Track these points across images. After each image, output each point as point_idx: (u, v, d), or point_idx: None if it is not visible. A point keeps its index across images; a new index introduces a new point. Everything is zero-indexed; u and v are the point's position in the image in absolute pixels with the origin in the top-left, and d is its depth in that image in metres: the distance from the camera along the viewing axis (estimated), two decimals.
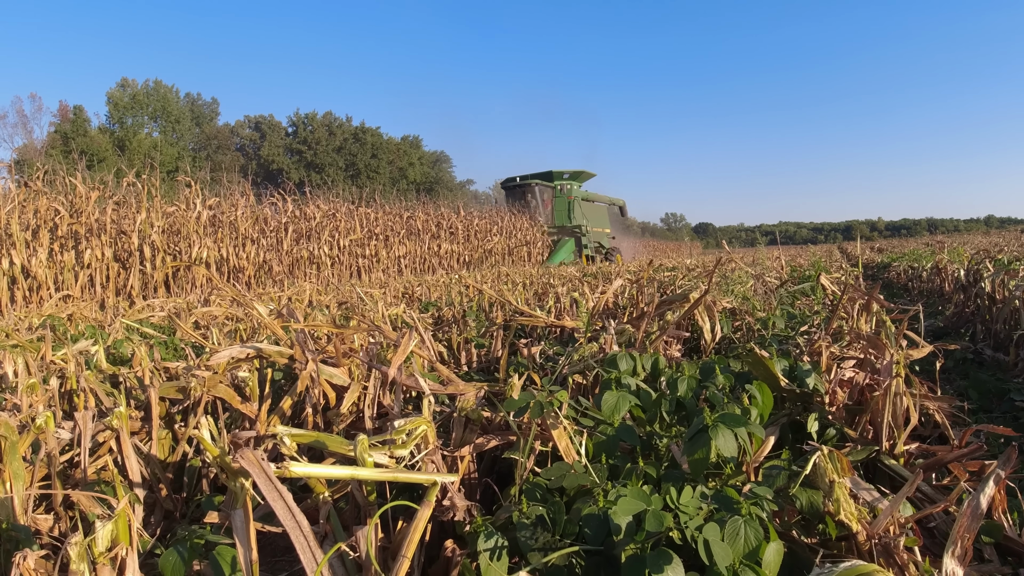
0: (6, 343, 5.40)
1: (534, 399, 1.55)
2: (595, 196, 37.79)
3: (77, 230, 14.36)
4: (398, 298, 7.44)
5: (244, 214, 17.68)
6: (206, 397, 2.28)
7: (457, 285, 8.28)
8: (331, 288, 9.26)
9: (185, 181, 17.26)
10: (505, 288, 6.91)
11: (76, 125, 57.38)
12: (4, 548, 1.91)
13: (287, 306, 2.67)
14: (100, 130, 60.40)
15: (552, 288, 6.82)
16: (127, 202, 15.64)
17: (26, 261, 13.18)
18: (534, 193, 33.24)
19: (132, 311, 7.21)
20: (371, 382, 2.53)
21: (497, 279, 9.18)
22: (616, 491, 1.55)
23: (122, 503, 0.93)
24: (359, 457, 1.25)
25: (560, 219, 33.04)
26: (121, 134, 60.92)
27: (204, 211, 16.47)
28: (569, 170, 34.02)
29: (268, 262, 17.76)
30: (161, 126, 65.60)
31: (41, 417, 2.04)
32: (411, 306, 6.53)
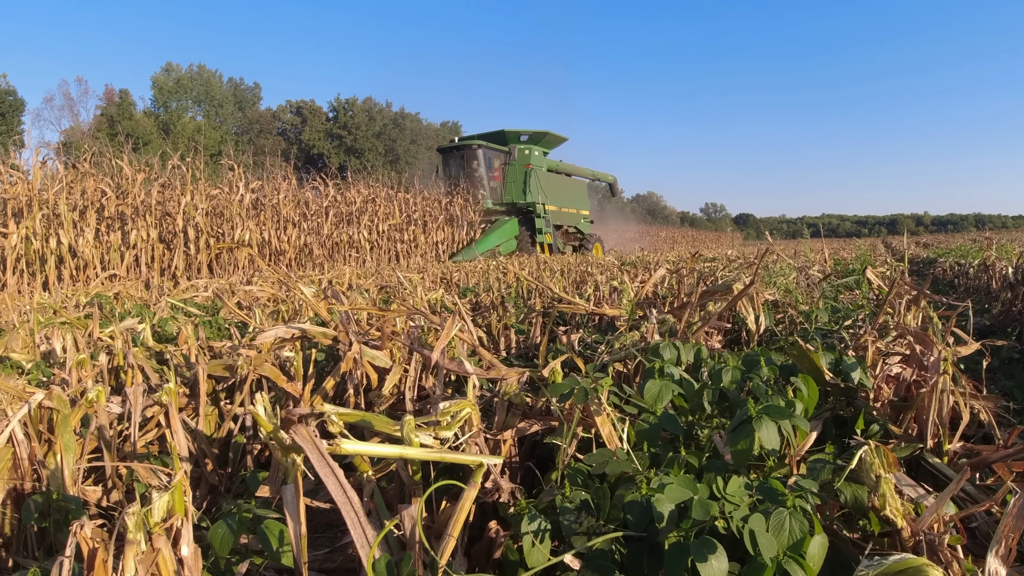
0: (54, 320, 5.56)
1: (579, 385, 1.56)
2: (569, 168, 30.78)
3: (123, 211, 14.68)
4: (436, 283, 7.48)
5: (286, 198, 17.92)
6: (252, 376, 2.32)
7: (495, 271, 8.30)
8: (371, 272, 9.35)
9: (229, 164, 17.54)
10: (544, 275, 6.92)
11: (122, 108, 58.49)
12: (54, 518, 1.97)
13: (331, 289, 2.71)
14: (145, 113, 61.51)
15: (591, 276, 6.80)
16: (172, 184, 15.94)
17: (73, 241, 13.52)
18: (478, 158, 25.44)
19: (177, 291, 7.36)
20: (412, 365, 2.56)
21: (537, 267, 9.18)
22: (659, 479, 1.55)
23: (178, 475, 0.95)
24: (406, 437, 1.27)
25: (512, 194, 25.78)
26: (166, 118, 61.97)
27: (247, 194, 16.74)
28: (528, 130, 26.79)
29: (309, 245, 17.98)
30: (205, 110, 66.58)
31: (93, 391, 2.10)
32: (449, 291, 6.57)
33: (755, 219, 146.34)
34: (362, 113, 74.46)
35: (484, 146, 25.67)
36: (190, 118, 63.80)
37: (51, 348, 4.12)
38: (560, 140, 29.07)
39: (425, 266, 11.15)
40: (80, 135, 49.82)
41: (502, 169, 26.11)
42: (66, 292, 8.66)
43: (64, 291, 9.00)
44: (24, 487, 2.08)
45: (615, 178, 35.69)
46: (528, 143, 26.96)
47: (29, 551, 2.05)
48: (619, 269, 7.78)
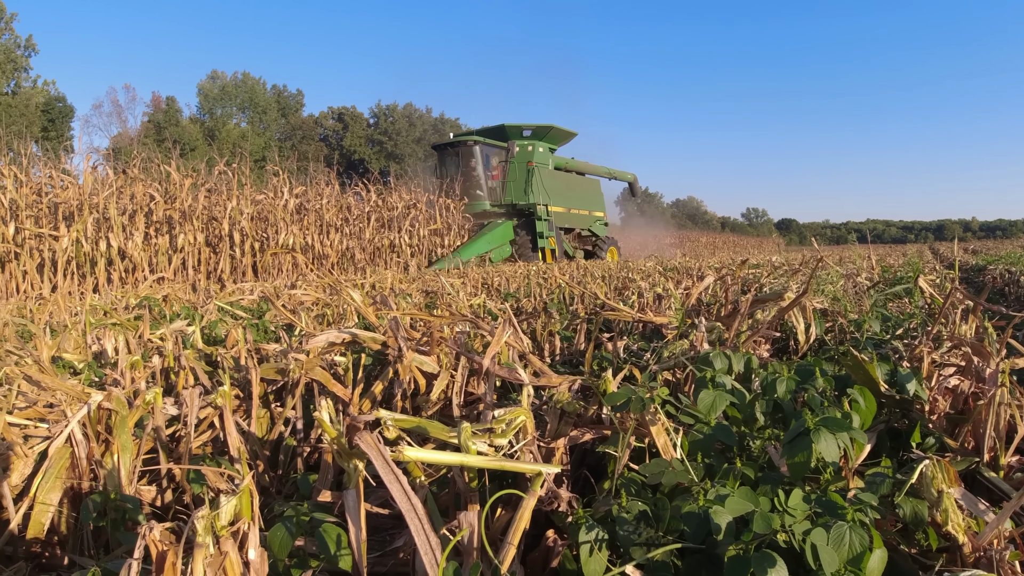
0: (105, 321, 5.69)
1: (634, 394, 1.54)
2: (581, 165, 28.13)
3: (171, 215, 15.00)
4: (478, 287, 7.50)
5: (329, 203, 18.15)
6: (304, 379, 2.35)
7: (536, 276, 8.29)
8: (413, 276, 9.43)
9: (273, 170, 17.83)
10: (586, 280, 6.89)
11: (168, 115, 59.88)
12: (111, 517, 2.01)
13: (380, 294, 2.73)
14: (191, 120, 62.86)
15: (632, 282, 6.76)
16: (218, 189, 16.26)
17: (123, 244, 13.86)
18: (475, 156, 23.21)
19: (223, 294, 7.49)
20: (459, 370, 2.57)
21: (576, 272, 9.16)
22: (716, 490, 1.53)
23: (246, 480, 0.96)
24: (463, 444, 1.27)
25: (513, 194, 23.56)
26: (211, 124, 63.24)
27: (291, 199, 17.00)
28: (531, 124, 24.51)
29: (351, 249, 18.18)
30: (249, 117, 67.78)
31: (150, 393, 2.14)
32: (490, 296, 6.58)
33: (798, 224, 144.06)
34: (402, 119, 75.17)
35: (481, 142, 23.43)
36: (235, 124, 65.03)
37: (102, 349, 4.21)
38: (568, 135, 26.64)
39: (465, 271, 11.20)
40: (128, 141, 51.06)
41: (501, 167, 23.77)
42: (116, 294, 8.87)
43: (114, 293, 9.21)
44: (82, 486, 2.13)
45: (635, 176, 32.51)
46: (531, 138, 24.65)
47: (85, 549, 2.09)
48: (662, 275, 7.72)
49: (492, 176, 23.78)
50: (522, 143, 24.28)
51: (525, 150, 24.15)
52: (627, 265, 11.19)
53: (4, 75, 54.48)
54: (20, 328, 5.37)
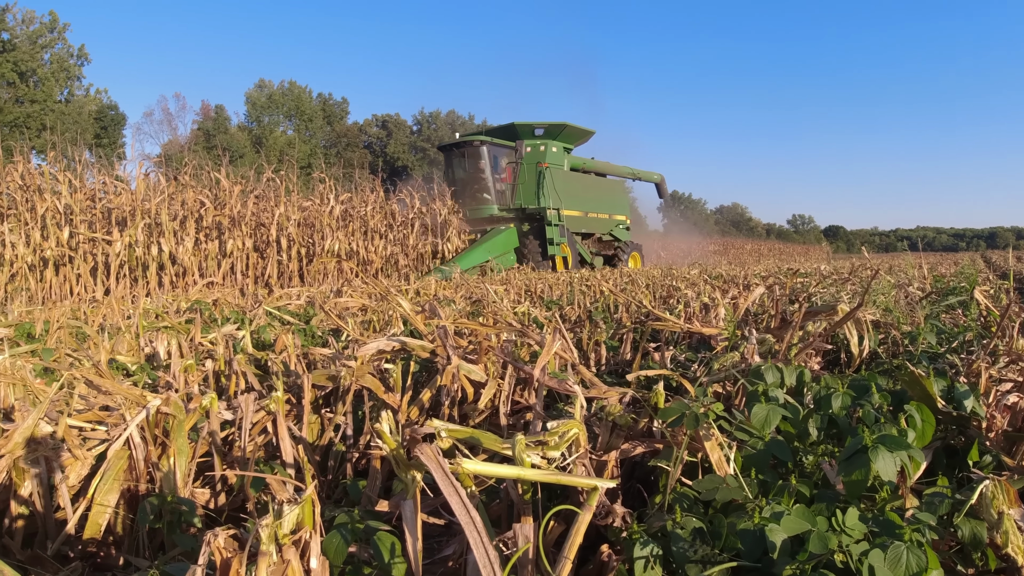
0: (156, 324, 5.83)
1: (689, 410, 1.53)
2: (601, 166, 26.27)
3: (220, 221, 15.32)
4: (520, 295, 7.51)
5: (373, 209, 18.36)
6: (355, 386, 2.38)
7: (579, 284, 8.27)
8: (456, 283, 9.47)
9: (319, 177, 18.10)
10: (628, 288, 6.85)
11: (217, 123, 61.22)
12: (167, 520, 2.05)
13: (429, 302, 2.75)
14: (239, 128, 64.16)
15: (677, 291, 6.70)
16: (266, 196, 16.56)
17: (174, 249, 14.18)
18: (482, 157, 21.25)
19: (271, 298, 7.62)
20: (506, 379, 2.57)
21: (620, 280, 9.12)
22: (771, 507, 1.51)
23: (309, 489, 0.98)
24: (517, 457, 1.27)
25: (523, 197, 21.65)
26: (258, 132, 64.44)
27: (337, 206, 17.24)
28: (543, 123, 22.63)
29: (395, 255, 18.35)
30: (295, 124, 68.87)
31: (207, 398, 2.19)
32: (533, 303, 6.58)
33: (845, 231, 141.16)
34: (445, 126, 75.70)
35: (489, 142, 21.54)
36: (281, 132, 66.18)
37: (155, 351, 4.30)
38: (585, 134, 24.80)
39: (508, 278, 11.22)
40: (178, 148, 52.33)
41: (512, 169, 21.86)
42: (167, 298, 9.08)
43: (165, 297, 9.43)
44: (139, 488, 2.18)
45: (662, 176, 30.13)
46: (543, 138, 22.77)
47: (140, 550, 2.14)
48: (707, 283, 7.64)
49: (501, 178, 21.93)
50: (533, 142, 22.48)
51: (537, 150, 22.36)
52: (671, 273, 11.10)
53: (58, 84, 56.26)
54: (75, 330, 5.52)
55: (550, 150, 22.53)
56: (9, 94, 52.29)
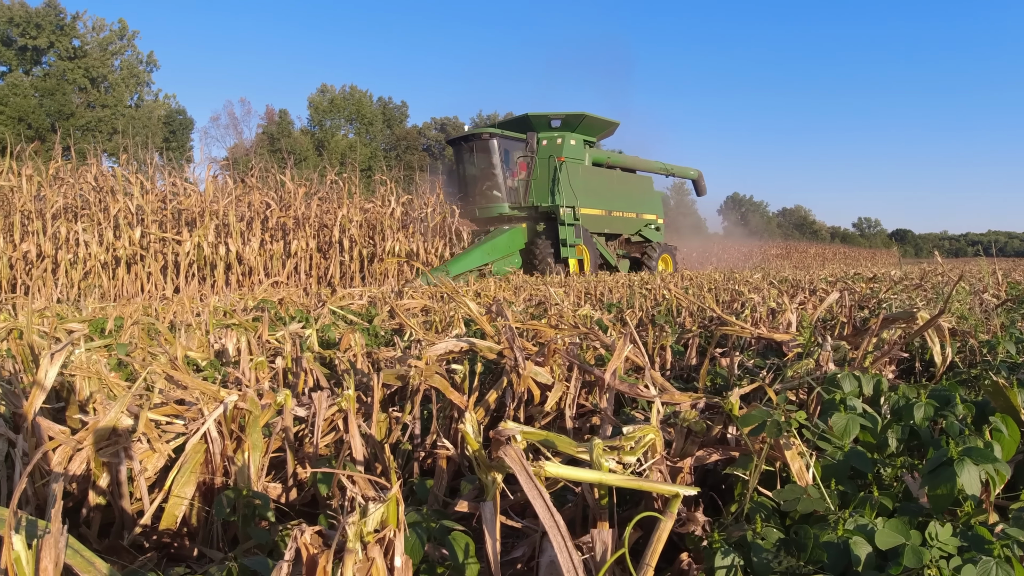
0: (225, 321, 5.98)
1: (770, 417, 1.49)
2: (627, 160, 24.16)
3: (285, 222, 15.69)
4: (580, 297, 7.47)
5: (433, 211, 18.55)
6: (424, 386, 2.40)
7: (639, 287, 8.19)
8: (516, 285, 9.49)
9: (380, 180, 18.38)
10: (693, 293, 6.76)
11: (281, 127, 62.76)
12: (242, 513, 2.10)
13: (496, 304, 2.76)
14: (302, 131, 65.62)
15: (741, 295, 6.58)
16: (329, 198, 16.90)
17: (240, 249, 14.57)
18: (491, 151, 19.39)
19: (334, 298, 7.75)
20: (572, 382, 2.55)
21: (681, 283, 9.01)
22: (855, 519, 1.47)
23: (394, 488, 0.98)
24: (595, 461, 1.25)
25: (537, 194, 19.78)
26: (320, 135, 65.80)
27: (397, 207, 17.48)
28: (560, 113, 20.60)
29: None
30: (356, 128, 70.08)
31: (281, 395, 2.23)
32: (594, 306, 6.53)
33: (913, 235, 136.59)
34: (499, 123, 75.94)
35: (499, 135, 19.70)
36: (343, 135, 67.42)
37: (224, 348, 4.41)
38: (607, 125, 22.50)
39: (566, 280, 11.18)
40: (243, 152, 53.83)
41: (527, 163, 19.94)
42: (234, 296, 9.32)
43: (233, 295, 9.68)
44: (214, 482, 2.23)
45: (699, 172, 27.90)
46: (561, 130, 20.83)
47: (214, 542, 2.19)
48: (774, 288, 7.48)
49: (514, 174, 20.12)
50: (550, 135, 20.54)
51: (553, 143, 20.39)
52: (733, 276, 10.91)
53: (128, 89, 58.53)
54: (147, 326, 5.70)
55: (568, 143, 20.53)
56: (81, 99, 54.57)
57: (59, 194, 14.55)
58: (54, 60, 55.38)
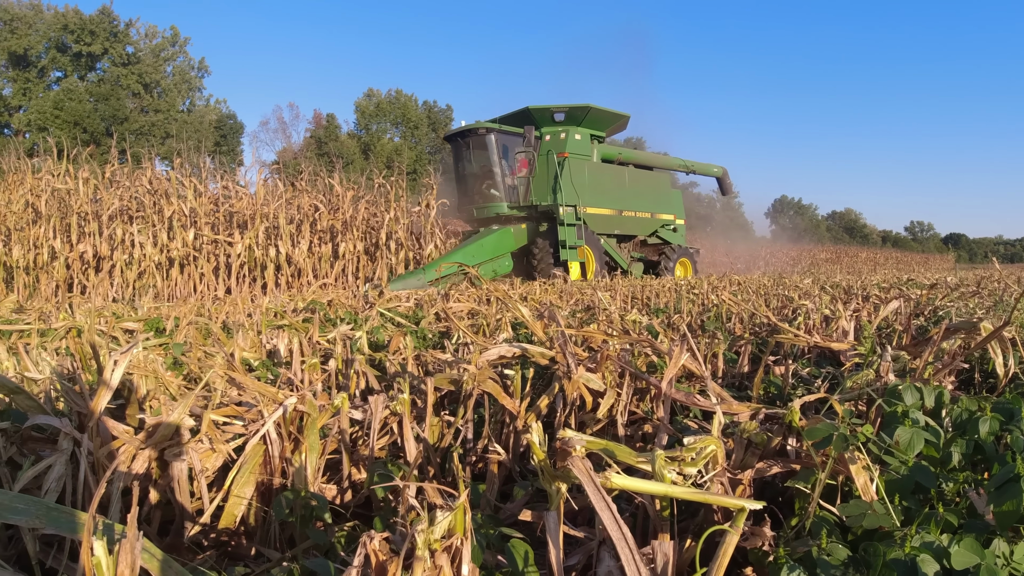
0: (276, 322, 6.09)
1: (837, 431, 1.47)
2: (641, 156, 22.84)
3: (334, 225, 15.93)
4: (627, 301, 7.43)
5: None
6: (476, 390, 2.41)
7: (687, 292, 8.11)
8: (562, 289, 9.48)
9: (426, 183, 18.55)
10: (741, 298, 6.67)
11: (328, 131, 63.69)
12: (299, 514, 2.13)
13: (548, 309, 2.76)
14: (349, 135, 66.49)
15: (791, 301, 6.47)
16: (376, 201, 17.11)
17: (290, 251, 14.83)
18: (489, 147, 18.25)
19: (381, 300, 7.83)
20: (624, 389, 2.55)
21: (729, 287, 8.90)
22: (921, 536, 1.43)
23: (462, 497, 0.99)
24: (657, 472, 1.25)
25: (537, 193, 18.46)
26: (367, 139, 66.59)
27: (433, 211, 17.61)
28: (563, 106, 19.16)
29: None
30: (401, 131, 70.73)
31: (338, 398, 2.26)
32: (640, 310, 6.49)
33: (967, 240, 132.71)
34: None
35: (497, 130, 18.41)
36: (388, 139, 68.12)
37: (275, 348, 4.48)
38: (616, 118, 20.78)
39: (613, 284, 11.13)
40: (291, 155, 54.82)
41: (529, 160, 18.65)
42: (284, 297, 9.49)
43: (283, 296, 9.85)
44: (273, 482, 2.28)
45: (724, 170, 25.78)
46: (565, 123, 19.43)
47: (271, 542, 2.23)
48: (826, 294, 7.35)
49: (514, 171, 18.79)
50: (553, 129, 19.28)
51: (557, 138, 19.10)
52: (783, 281, 10.73)
53: (180, 94, 60.10)
54: (202, 326, 5.83)
55: (572, 138, 19.18)
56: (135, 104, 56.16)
57: (115, 196, 14.99)
58: (108, 66, 57.21)
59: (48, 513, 1.27)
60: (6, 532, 2.06)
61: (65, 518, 1.27)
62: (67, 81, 54.95)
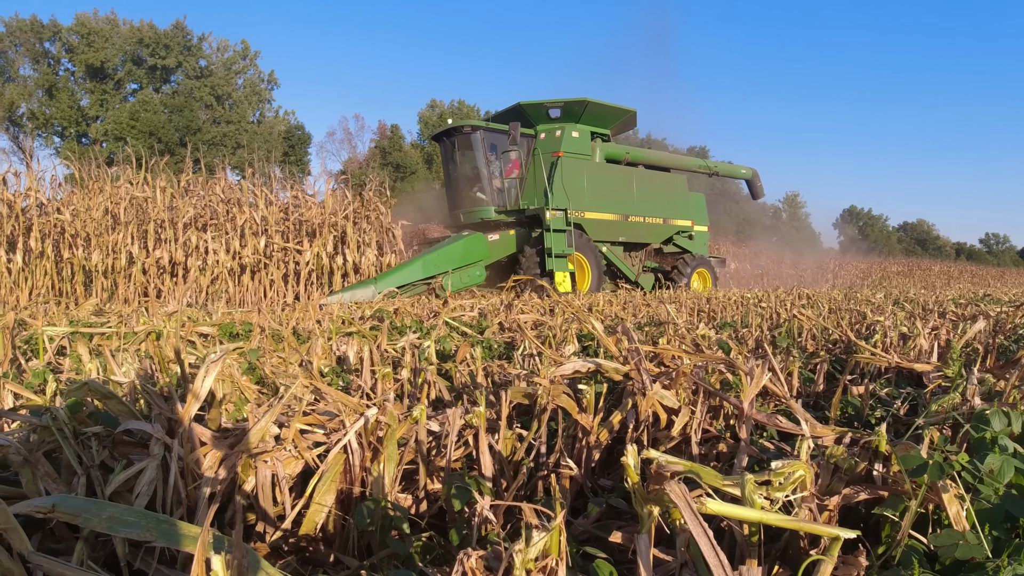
0: (344, 329, 6.22)
1: (932, 459, 1.44)
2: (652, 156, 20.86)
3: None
4: (694, 316, 7.35)
5: None
6: (551, 405, 2.43)
7: (755, 305, 7.98)
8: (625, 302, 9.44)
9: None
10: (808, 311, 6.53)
11: (392, 141, 64.71)
12: (378, 523, 2.18)
13: (622, 325, 2.77)
14: (412, 145, 67.43)
15: (864, 318, 6.31)
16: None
17: (357, 259, 15.13)
18: (475, 147, 16.99)
19: (446, 309, 7.92)
20: (699, 407, 2.53)
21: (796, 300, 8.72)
22: (1013, 568, 1.40)
23: (559, 518, 1.01)
24: (747, 497, 1.25)
25: (530, 195, 16.94)
26: (430, 149, 67.46)
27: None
28: (559, 100, 17.63)
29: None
30: None
31: (416, 410, 2.31)
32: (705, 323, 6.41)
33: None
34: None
35: (483, 128, 17.10)
36: None
37: (344, 355, 4.58)
38: (621, 113, 18.85)
39: (677, 296, 11.02)
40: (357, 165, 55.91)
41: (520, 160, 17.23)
42: (352, 304, 9.68)
43: (350, 303, 10.04)
44: (353, 491, 2.33)
45: (754, 171, 23.09)
46: (562, 120, 17.89)
47: (349, 550, 2.28)
48: (900, 310, 7.14)
49: (506, 172, 17.27)
50: (549, 127, 17.84)
51: (552, 136, 17.57)
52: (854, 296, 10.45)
53: (250, 106, 62.00)
54: (273, 332, 5.99)
55: (568, 136, 17.51)
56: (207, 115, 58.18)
57: (190, 205, 15.54)
58: (182, 79, 59.49)
59: (159, 526, 1.33)
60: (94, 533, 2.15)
61: (177, 531, 1.33)
62: (142, 93, 57.36)
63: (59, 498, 1.61)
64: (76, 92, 57.42)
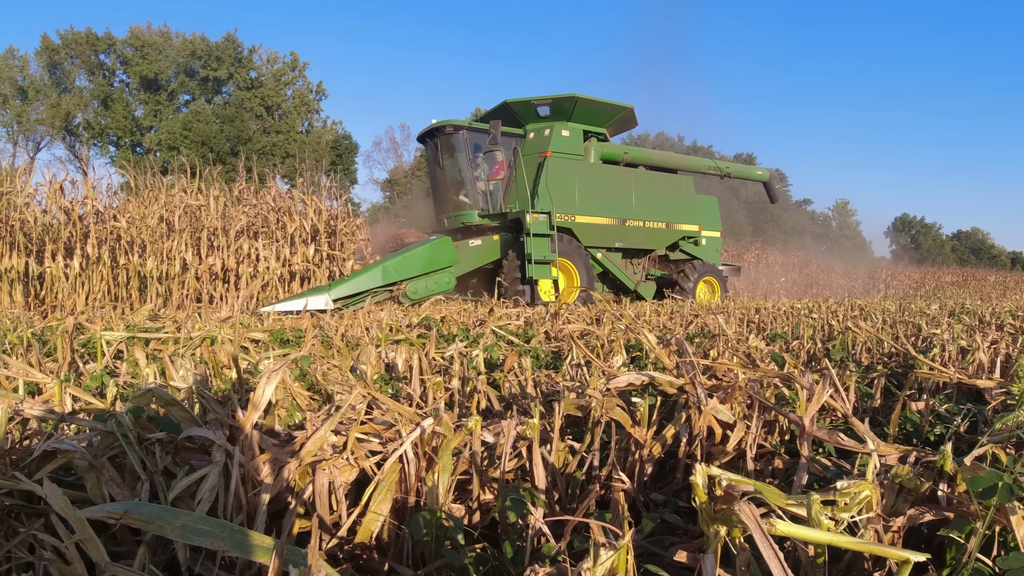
0: (392, 336, 6.28)
1: (1002, 480, 1.41)
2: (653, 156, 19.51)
3: None
4: (743, 326, 7.27)
5: None
6: (605, 418, 2.43)
7: (806, 316, 7.86)
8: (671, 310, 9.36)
9: None
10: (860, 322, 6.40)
11: None
12: (435, 534, 2.20)
13: (676, 338, 2.76)
14: None
15: (920, 330, 6.16)
16: None
17: None
18: (457, 148, 16.11)
19: (492, 317, 7.95)
20: (754, 422, 2.51)
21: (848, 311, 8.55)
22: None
23: (627, 537, 1.02)
24: (814, 518, 1.24)
25: (517, 198, 15.86)
26: None
27: None
28: (546, 97, 16.48)
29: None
30: None
31: (471, 421, 2.34)
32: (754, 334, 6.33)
33: None
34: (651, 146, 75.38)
35: (466, 128, 16.10)
36: None
37: (392, 362, 4.63)
38: (615, 111, 17.73)
39: (726, 306, 10.89)
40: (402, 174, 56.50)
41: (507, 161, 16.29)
42: (398, 312, 9.78)
43: (398, 311, 10.15)
44: (408, 501, 2.36)
45: (771, 173, 21.52)
46: (552, 119, 16.84)
47: (403, 559, 2.30)
48: (953, 322, 6.96)
49: (492, 174, 16.46)
50: (538, 126, 16.83)
51: (541, 135, 16.55)
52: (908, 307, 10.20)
53: (299, 116, 63.22)
54: (322, 337, 6.08)
55: (557, 135, 16.39)
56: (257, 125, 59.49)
57: (241, 213, 15.89)
58: (233, 90, 60.99)
59: (232, 536, 1.36)
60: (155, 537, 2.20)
61: (249, 541, 1.36)
62: (195, 104, 58.99)
63: (131, 505, 1.66)
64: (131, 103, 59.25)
